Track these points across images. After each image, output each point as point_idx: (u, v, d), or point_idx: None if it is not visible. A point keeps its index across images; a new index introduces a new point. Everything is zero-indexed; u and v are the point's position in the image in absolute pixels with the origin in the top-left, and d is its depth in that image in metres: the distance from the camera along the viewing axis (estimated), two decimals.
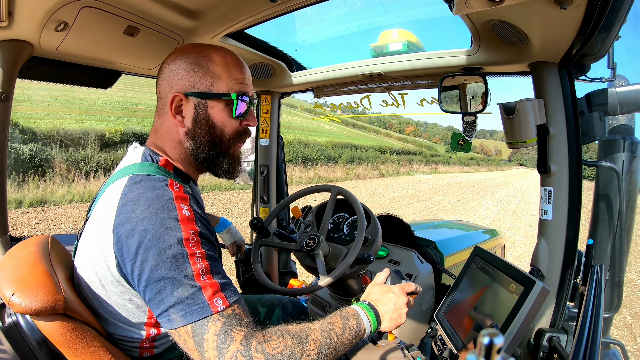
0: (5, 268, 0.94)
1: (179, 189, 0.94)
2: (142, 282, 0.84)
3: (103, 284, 0.94)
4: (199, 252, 0.86)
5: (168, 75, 1.05)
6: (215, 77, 1.03)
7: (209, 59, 1.04)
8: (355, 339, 1.03)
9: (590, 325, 1.04)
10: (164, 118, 1.07)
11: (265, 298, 1.74)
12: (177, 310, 0.82)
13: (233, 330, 0.82)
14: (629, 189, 1.45)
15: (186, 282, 0.83)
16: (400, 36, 1.80)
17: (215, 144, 1.07)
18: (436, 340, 1.46)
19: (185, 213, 0.89)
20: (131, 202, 0.89)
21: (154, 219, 0.85)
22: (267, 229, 1.64)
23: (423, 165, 43.51)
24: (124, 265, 0.87)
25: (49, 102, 16.91)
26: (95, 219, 0.96)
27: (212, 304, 0.83)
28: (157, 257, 0.83)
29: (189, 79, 1.02)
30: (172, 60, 1.05)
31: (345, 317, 1.03)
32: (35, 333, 0.87)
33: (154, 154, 1.05)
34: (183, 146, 1.07)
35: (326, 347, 0.92)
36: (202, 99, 1.03)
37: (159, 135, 1.09)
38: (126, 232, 0.86)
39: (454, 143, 1.83)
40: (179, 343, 0.85)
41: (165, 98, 1.05)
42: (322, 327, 0.96)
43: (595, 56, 1.37)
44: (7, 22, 1.24)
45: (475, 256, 1.50)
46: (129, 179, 0.94)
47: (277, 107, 2.50)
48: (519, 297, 1.18)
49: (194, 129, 1.05)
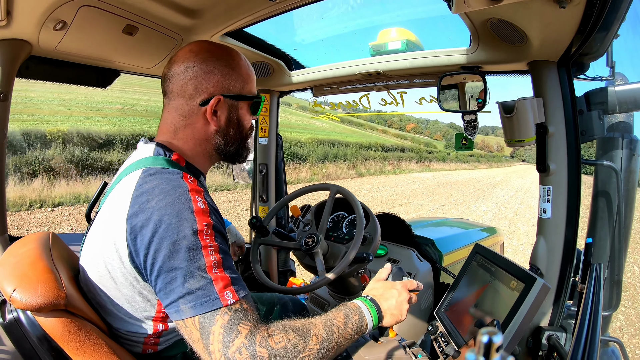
0: (6, 264, 0.94)
1: (193, 182, 0.95)
2: (155, 272, 0.85)
3: (113, 277, 0.94)
4: (212, 245, 0.87)
5: (202, 76, 1.05)
6: (243, 80, 1.11)
7: (237, 62, 1.10)
8: (357, 334, 1.03)
9: (589, 324, 1.04)
10: (192, 118, 1.08)
11: (265, 296, 1.74)
12: (187, 301, 0.83)
13: (239, 325, 0.83)
14: (627, 187, 1.46)
15: (198, 274, 0.83)
16: (399, 35, 1.80)
17: (242, 140, 1.16)
18: (437, 338, 1.46)
19: (200, 205, 0.90)
20: (146, 193, 0.89)
21: (170, 210, 0.86)
22: (266, 227, 1.64)
23: (414, 163, 40.18)
24: (137, 255, 0.88)
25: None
26: (107, 211, 0.96)
27: (223, 297, 0.83)
28: (171, 247, 0.84)
29: (226, 81, 1.07)
30: (203, 60, 1.06)
31: (347, 312, 1.04)
32: (36, 329, 0.87)
33: (166, 149, 1.06)
34: (210, 143, 1.11)
35: (328, 342, 0.92)
36: (236, 101, 1.10)
37: (179, 136, 1.09)
38: (141, 222, 0.87)
39: (457, 144, 1.84)
40: (185, 335, 0.86)
41: (196, 98, 1.06)
42: (325, 321, 0.97)
43: (594, 55, 1.37)
44: (5, 21, 1.24)
45: (475, 253, 1.51)
46: (142, 171, 0.95)
47: (276, 106, 2.50)
48: (520, 294, 1.18)
49: (227, 128, 1.11)
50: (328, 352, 0.92)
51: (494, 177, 35.12)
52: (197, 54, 1.07)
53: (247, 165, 2.63)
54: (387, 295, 1.16)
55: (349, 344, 1.01)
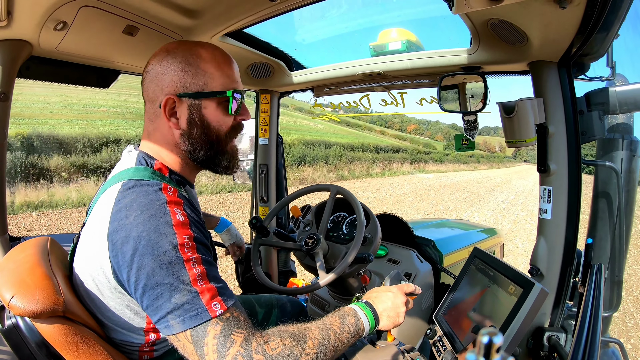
0: (5, 270, 0.94)
1: (172, 193, 0.92)
2: (139, 289, 0.84)
3: (101, 290, 0.94)
4: (195, 257, 0.85)
5: (156, 77, 1.01)
6: (208, 76, 1.00)
7: (198, 57, 1.00)
8: (354, 337, 1.02)
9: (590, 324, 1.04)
10: (157, 122, 1.04)
11: (264, 299, 1.73)
12: (175, 316, 0.82)
13: (232, 333, 0.82)
14: (628, 187, 1.45)
15: (183, 288, 0.82)
16: (400, 35, 1.80)
17: (212, 144, 1.05)
18: (435, 342, 1.46)
19: (179, 218, 0.88)
20: (125, 209, 0.88)
21: (148, 225, 0.84)
22: (267, 228, 1.64)
23: (407, 165, 37.10)
24: (120, 272, 0.86)
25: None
26: (91, 226, 0.95)
27: (211, 309, 0.82)
28: (153, 264, 0.82)
29: (180, 80, 0.99)
30: (159, 61, 1.01)
31: (343, 316, 1.03)
32: (35, 335, 0.87)
33: (149, 157, 1.03)
34: (180, 148, 1.05)
35: (325, 346, 0.92)
36: (196, 99, 1.00)
37: (153, 140, 1.06)
38: (121, 239, 0.85)
39: (458, 144, 1.83)
40: (179, 348, 0.85)
41: (156, 101, 1.01)
42: (320, 326, 0.96)
43: (595, 55, 1.37)
44: (6, 21, 1.24)
45: (474, 257, 1.50)
46: (122, 185, 0.93)
47: (276, 107, 2.50)
48: (518, 299, 1.18)
49: (190, 130, 1.02)
50: (325, 356, 0.91)
51: (494, 179, 33.68)
52: (155, 55, 1.03)
53: (247, 166, 2.63)
54: (382, 297, 1.15)
55: (346, 347, 1.00)
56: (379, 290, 1.19)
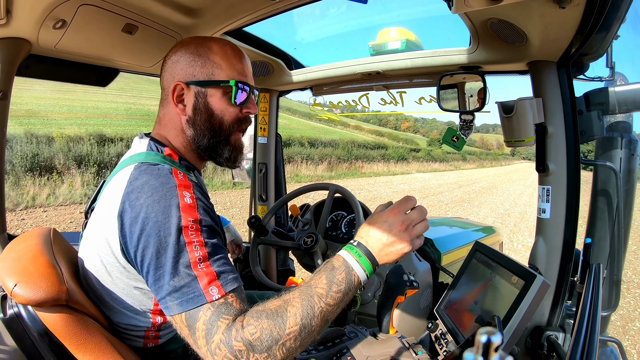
0: (7, 259, 0.94)
1: (183, 177, 0.96)
2: (144, 268, 0.87)
3: (109, 271, 0.96)
4: (197, 241, 0.87)
5: (170, 67, 1.09)
6: (215, 67, 1.07)
7: (209, 49, 1.08)
8: (348, 294, 0.91)
9: (588, 324, 1.04)
10: (167, 107, 1.11)
11: (267, 295, 1.73)
12: (173, 298, 0.84)
13: (220, 319, 0.82)
14: (626, 187, 1.46)
15: (183, 271, 0.84)
16: (399, 34, 1.80)
17: (215, 132, 1.10)
18: (437, 336, 1.46)
19: (187, 201, 0.90)
20: (136, 190, 0.91)
21: (156, 207, 0.87)
22: (265, 227, 1.64)
23: (378, 163, 29.84)
24: (128, 251, 0.89)
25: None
26: (101, 207, 0.98)
27: (207, 293, 0.83)
28: (158, 245, 0.85)
29: (190, 69, 1.06)
30: (174, 53, 1.10)
31: (330, 274, 0.91)
32: (37, 324, 0.87)
33: (159, 144, 1.08)
34: (185, 134, 1.10)
35: (310, 318, 0.85)
36: (202, 87, 1.07)
37: (163, 124, 1.12)
38: (130, 219, 0.88)
39: (446, 137, 1.76)
40: (177, 330, 0.87)
41: (168, 88, 1.09)
42: (303, 295, 0.88)
43: (594, 55, 1.37)
44: (5, 19, 1.24)
45: (475, 251, 1.51)
46: (135, 167, 0.96)
47: (275, 105, 2.50)
48: (520, 291, 1.19)
49: (194, 116, 1.08)
50: (313, 328, 0.86)
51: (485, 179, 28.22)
52: (174, 47, 1.12)
53: (246, 165, 2.63)
54: (373, 231, 0.97)
55: (342, 307, 0.92)
56: (369, 221, 1.00)
